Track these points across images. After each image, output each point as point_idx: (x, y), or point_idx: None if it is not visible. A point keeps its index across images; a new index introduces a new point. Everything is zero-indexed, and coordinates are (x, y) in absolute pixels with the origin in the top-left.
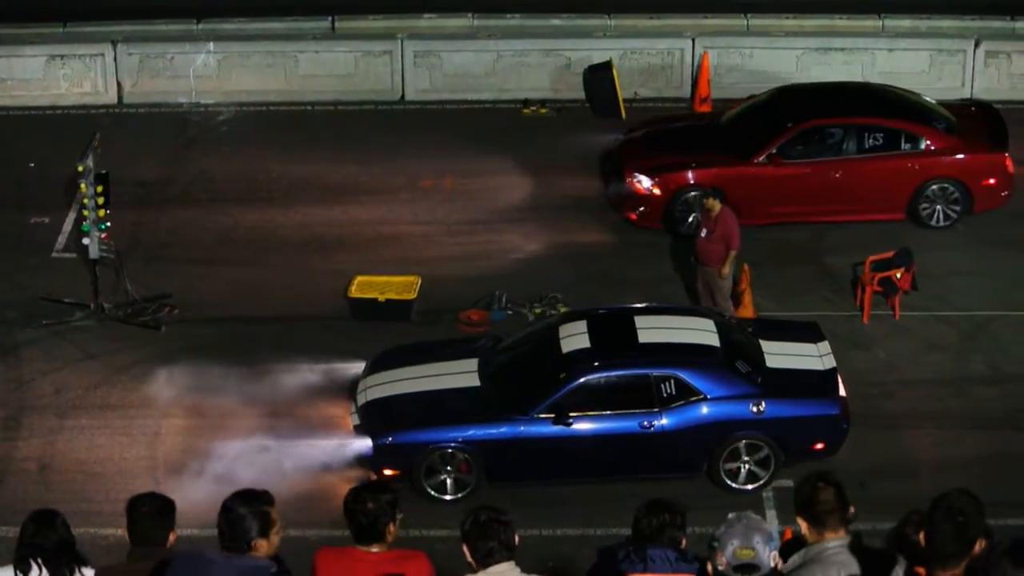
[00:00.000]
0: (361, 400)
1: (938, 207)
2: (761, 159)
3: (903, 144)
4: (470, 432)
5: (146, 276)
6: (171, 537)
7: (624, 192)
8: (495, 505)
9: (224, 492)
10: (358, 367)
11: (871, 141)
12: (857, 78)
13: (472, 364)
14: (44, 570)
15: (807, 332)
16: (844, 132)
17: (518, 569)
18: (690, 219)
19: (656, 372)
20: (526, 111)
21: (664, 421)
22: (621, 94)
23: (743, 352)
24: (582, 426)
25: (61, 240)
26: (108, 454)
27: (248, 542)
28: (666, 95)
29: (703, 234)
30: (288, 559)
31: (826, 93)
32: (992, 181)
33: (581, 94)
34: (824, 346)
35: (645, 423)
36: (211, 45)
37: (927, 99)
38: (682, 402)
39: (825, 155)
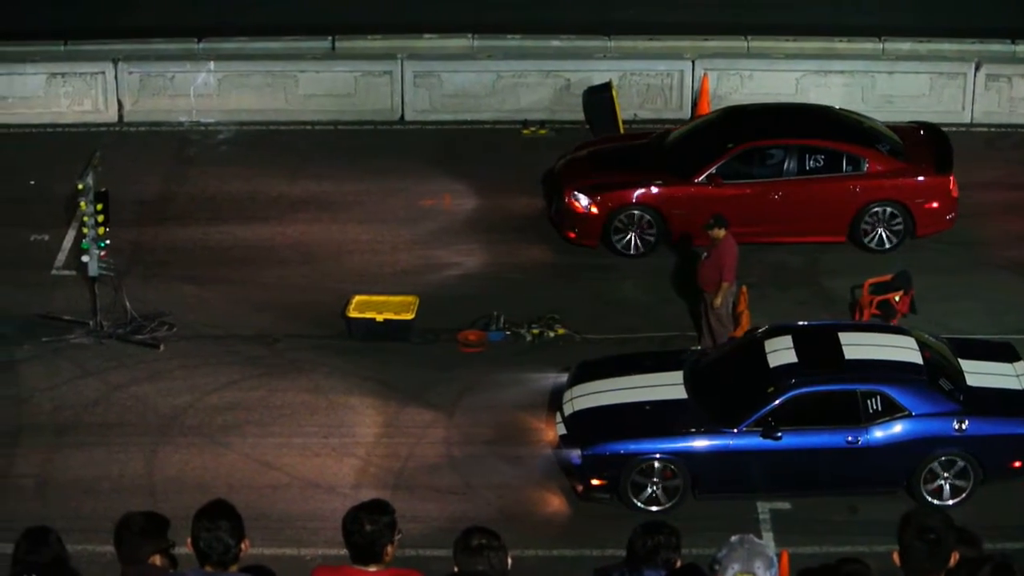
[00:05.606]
0: (568, 410)
1: (879, 230)
2: (701, 179)
3: (844, 166)
4: (679, 444)
5: (145, 294)
6: (156, 559)
7: (563, 210)
8: (489, 528)
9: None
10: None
11: (812, 163)
12: (857, 101)
13: (677, 376)
14: None
15: (1003, 352)
16: (784, 153)
17: None
18: (627, 238)
19: (863, 388)
20: (526, 132)
21: (870, 437)
22: (621, 115)
23: (945, 370)
24: (789, 440)
25: (61, 258)
26: (105, 472)
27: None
28: (665, 116)
29: (703, 256)
30: None
31: (772, 114)
32: (935, 204)
33: (580, 115)
34: (1021, 366)
35: (851, 438)
36: (212, 64)
37: (876, 121)
38: (887, 418)
39: (765, 176)
